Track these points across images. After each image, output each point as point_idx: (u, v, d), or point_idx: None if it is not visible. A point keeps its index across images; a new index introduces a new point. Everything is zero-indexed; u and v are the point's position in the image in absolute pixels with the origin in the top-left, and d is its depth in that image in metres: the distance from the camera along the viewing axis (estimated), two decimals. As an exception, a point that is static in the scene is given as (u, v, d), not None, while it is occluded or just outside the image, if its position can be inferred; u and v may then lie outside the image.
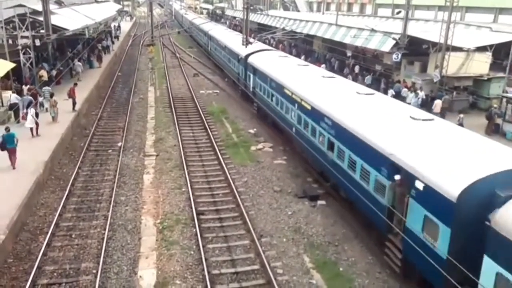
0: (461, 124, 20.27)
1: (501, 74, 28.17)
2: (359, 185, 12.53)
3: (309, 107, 16.77)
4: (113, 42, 52.03)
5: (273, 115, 21.61)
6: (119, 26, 67.48)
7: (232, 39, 35.70)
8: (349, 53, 38.58)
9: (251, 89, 26.54)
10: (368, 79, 32.25)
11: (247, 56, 27.60)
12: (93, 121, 24.23)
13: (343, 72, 34.15)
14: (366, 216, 12.56)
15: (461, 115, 22.47)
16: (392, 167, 10.80)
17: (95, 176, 17.17)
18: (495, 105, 25.03)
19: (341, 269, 11.72)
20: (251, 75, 26.29)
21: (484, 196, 8.34)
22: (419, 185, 9.78)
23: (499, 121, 23.28)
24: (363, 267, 11.78)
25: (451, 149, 10.47)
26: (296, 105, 18.19)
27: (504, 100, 24.72)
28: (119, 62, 44.42)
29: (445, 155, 10.12)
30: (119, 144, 20.66)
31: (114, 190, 15.65)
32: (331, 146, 14.68)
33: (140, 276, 11.13)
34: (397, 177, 10.57)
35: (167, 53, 52.53)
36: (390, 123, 12.79)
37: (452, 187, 8.83)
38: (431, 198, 9.42)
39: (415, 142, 11.18)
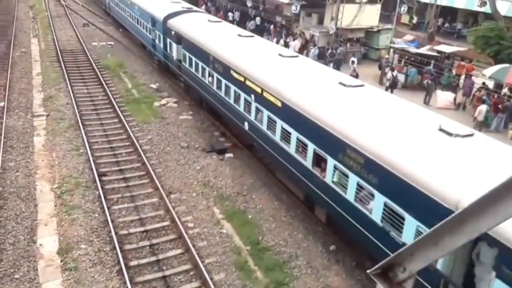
0: (357, 75, 21.67)
1: (388, 26, 30.32)
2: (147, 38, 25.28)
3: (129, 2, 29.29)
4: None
5: (117, 17, 34.63)
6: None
7: None
8: (249, 4, 38.19)
9: (107, 5, 38.43)
10: (252, 24, 35.03)
11: None
12: (-34, 79, 21.08)
13: (245, 24, 33.86)
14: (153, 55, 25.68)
15: (355, 65, 23.92)
16: (153, 20, 23.40)
17: (-25, 141, 15.17)
18: (386, 56, 26.99)
19: (249, 216, 12.17)
20: None
21: (168, 18, 20.84)
22: (157, 21, 22.44)
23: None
24: (270, 213, 12.37)
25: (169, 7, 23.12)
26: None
27: (392, 50, 26.81)
28: (-9, 10, 38.62)
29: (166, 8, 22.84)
30: (1, 104, 18.37)
31: (1, 156, 14.06)
32: (136, 21, 27.14)
33: (41, 244, 10.39)
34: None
35: (50, 0, 46.86)
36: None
37: (161, 16, 21.63)
38: (157, 24, 22.32)
39: (165, 7, 22.99)
